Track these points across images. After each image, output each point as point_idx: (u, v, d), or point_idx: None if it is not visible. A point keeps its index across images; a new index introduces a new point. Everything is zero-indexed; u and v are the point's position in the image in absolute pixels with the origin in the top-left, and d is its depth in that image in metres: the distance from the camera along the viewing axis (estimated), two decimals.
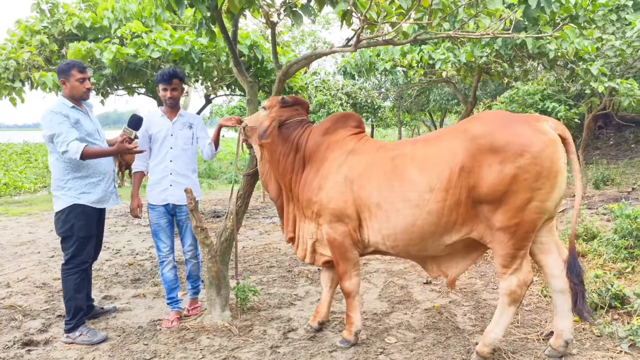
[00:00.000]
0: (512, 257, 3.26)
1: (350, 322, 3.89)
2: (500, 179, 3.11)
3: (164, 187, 4.43)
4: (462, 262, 3.63)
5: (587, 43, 5.90)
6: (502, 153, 3.11)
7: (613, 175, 11.40)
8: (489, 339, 3.41)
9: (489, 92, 18.71)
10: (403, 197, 3.43)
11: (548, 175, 3.07)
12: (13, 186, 15.00)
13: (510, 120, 3.28)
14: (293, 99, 4.09)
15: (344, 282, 3.86)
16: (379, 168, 3.60)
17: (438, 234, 3.41)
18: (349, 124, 3.99)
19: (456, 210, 3.30)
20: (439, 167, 3.31)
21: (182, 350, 3.86)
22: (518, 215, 3.13)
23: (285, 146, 3.99)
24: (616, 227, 5.66)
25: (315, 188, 3.79)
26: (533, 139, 3.11)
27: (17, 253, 7.19)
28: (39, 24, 6.70)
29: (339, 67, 9.84)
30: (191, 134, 4.53)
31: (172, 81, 4.41)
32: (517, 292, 3.31)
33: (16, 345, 4.01)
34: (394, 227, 3.50)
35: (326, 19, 23.61)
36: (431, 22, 4.04)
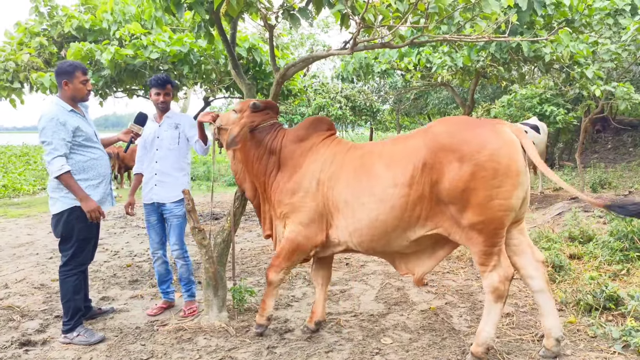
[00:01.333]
0: (487, 254, 3.34)
1: (264, 308, 4.09)
2: (459, 175, 3.23)
3: (150, 187, 4.64)
4: (429, 261, 3.73)
5: (582, 47, 5.94)
6: (461, 150, 3.25)
7: (610, 178, 11.44)
8: (482, 338, 3.45)
9: (487, 96, 18.77)
10: (369, 192, 3.55)
11: (507, 174, 3.18)
12: (12, 188, 15.01)
13: (472, 122, 3.46)
14: (264, 103, 4.18)
15: (272, 272, 4.01)
16: (348, 167, 3.73)
17: (401, 229, 3.51)
18: (321, 127, 4.10)
19: (420, 205, 3.41)
20: (403, 164, 3.45)
21: (179, 351, 3.88)
22: (482, 212, 3.22)
23: (259, 150, 4.09)
24: (612, 229, 5.70)
25: (288, 191, 3.90)
26: (491, 138, 3.24)
27: (16, 254, 7.20)
28: (38, 26, 6.73)
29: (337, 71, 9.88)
30: (177, 134, 4.65)
31: (165, 86, 4.59)
32: (501, 288, 3.36)
33: (14, 345, 4.03)
34: (359, 221, 3.60)
35: (325, 22, 23.68)
36: (428, 25, 4.08)
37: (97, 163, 4.22)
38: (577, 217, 6.55)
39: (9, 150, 29.28)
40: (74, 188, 3.98)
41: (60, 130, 3.95)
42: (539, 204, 9.43)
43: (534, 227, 7.14)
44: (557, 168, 15.12)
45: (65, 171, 3.93)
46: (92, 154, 4.18)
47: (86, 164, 4.13)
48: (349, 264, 6.28)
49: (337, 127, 20.14)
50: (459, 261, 6.17)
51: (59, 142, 3.93)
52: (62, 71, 4.12)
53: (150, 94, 4.67)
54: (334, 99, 16.97)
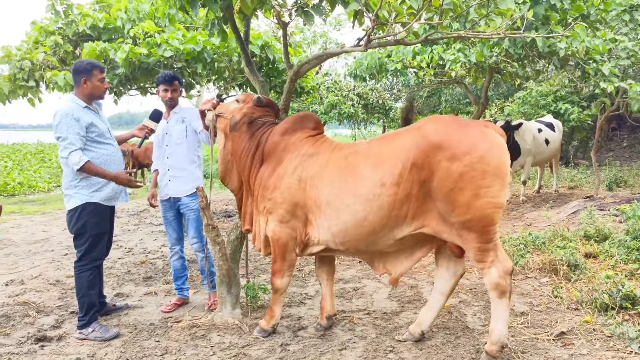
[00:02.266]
0: (482, 250, 3.35)
1: (271, 315, 4.10)
2: (448, 174, 3.25)
3: (165, 183, 4.69)
4: (407, 261, 3.76)
5: (598, 42, 5.87)
6: (451, 150, 3.26)
7: (626, 177, 11.31)
8: (495, 336, 3.43)
9: (500, 93, 18.64)
10: (354, 192, 3.53)
11: (497, 174, 3.22)
12: (27, 185, 15.18)
13: (462, 122, 3.47)
14: (267, 100, 4.21)
15: (276, 279, 4.00)
16: (332, 167, 3.71)
17: (389, 228, 3.51)
18: (307, 125, 4.05)
19: (407, 204, 3.41)
20: (391, 163, 3.43)
21: (193, 347, 3.90)
22: (471, 210, 3.24)
23: (249, 142, 4.09)
24: (628, 228, 5.63)
25: (270, 186, 3.88)
26: (481, 139, 3.28)
27: (31, 251, 7.28)
28: (53, 25, 6.79)
29: (349, 69, 9.86)
30: (184, 127, 4.69)
31: (173, 82, 4.66)
32: (502, 283, 3.36)
33: (30, 340, 4.07)
34: (344, 222, 3.58)
35: (337, 20, 23.64)
36: (442, 22, 4.05)
37: (111, 159, 4.26)
38: (593, 216, 6.47)
39: (24, 148, 29.64)
40: (100, 172, 4.09)
41: (74, 126, 4.00)
42: (553, 202, 9.35)
43: (548, 226, 7.08)
44: (572, 166, 14.98)
45: (85, 162, 4.00)
46: (105, 150, 4.22)
47: (99, 159, 4.16)
48: (362, 262, 6.27)
49: (349, 125, 20.13)
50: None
51: (74, 137, 3.99)
52: (81, 69, 4.17)
53: (158, 90, 4.72)
54: (347, 97, 16.94)
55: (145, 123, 4.58)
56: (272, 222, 3.89)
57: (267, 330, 4.08)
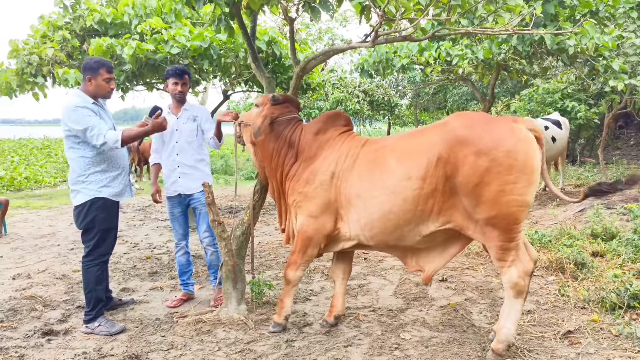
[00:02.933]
0: (504, 249, 3.32)
1: (282, 307, 4.10)
2: (474, 169, 3.23)
3: (174, 180, 4.70)
4: (440, 258, 3.73)
5: (607, 39, 5.82)
6: (477, 145, 3.25)
7: None
8: (502, 335, 3.42)
9: (507, 90, 18.56)
10: (381, 185, 3.55)
11: (523, 170, 3.18)
12: (34, 180, 15.25)
13: (489, 118, 3.48)
14: (283, 97, 4.18)
15: (290, 271, 4.02)
16: (361, 161, 3.76)
17: (414, 222, 3.51)
18: (338, 122, 4.10)
19: (432, 199, 3.41)
20: (418, 157, 3.45)
21: (199, 343, 3.91)
22: (496, 207, 3.21)
23: (277, 143, 4.10)
24: (636, 227, 5.60)
25: (303, 180, 3.91)
26: (507, 134, 3.25)
27: (38, 245, 7.31)
28: (61, 20, 6.79)
29: (355, 65, 9.83)
30: (195, 126, 4.71)
31: (183, 76, 4.66)
32: (520, 284, 3.34)
33: (36, 334, 4.09)
34: (371, 214, 3.60)
35: (344, 17, 23.56)
36: (450, 18, 4.03)
37: (116, 155, 4.26)
38: (600, 214, 6.43)
39: (30, 143, 29.77)
40: (136, 134, 4.08)
41: (93, 115, 4.01)
42: (560, 200, 9.30)
43: (555, 224, 7.05)
44: (578, 164, 14.90)
45: (121, 133, 4.00)
46: None
47: (105, 155, 4.16)
48: (367, 259, 6.27)
49: (354, 121, 20.10)
50: (478, 257, 6.11)
51: (98, 122, 3.98)
52: (88, 67, 4.16)
53: (167, 84, 4.72)
54: (352, 94, 16.92)
55: (144, 120, 4.52)
56: (300, 216, 3.91)
57: (281, 324, 4.08)
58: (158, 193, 4.91)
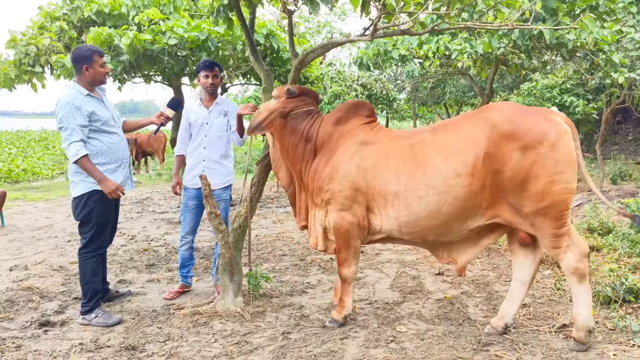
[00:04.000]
0: (557, 236, 3.37)
1: (342, 306, 4.04)
2: (521, 164, 3.29)
3: (197, 173, 4.59)
4: (472, 249, 3.77)
5: (606, 33, 5.81)
6: (524, 140, 3.30)
7: (631, 170, 11.25)
8: (580, 322, 3.45)
9: (505, 85, 18.53)
10: (426, 184, 3.51)
11: (568, 161, 3.30)
12: (31, 172, 15.22)
13: (526, 110, 3.50)
14: (299, 89, 4.10)
15: (343, 269, 3.96)
16: (396, 156, 3.66)
17: (463, 219, 3.54)
18: (361, 113, 4.01)
19: (481, 195, 3.44)
20: (463, 153, 3.44)
21: (195, 334, 3.91)
22: (546, 197, 3.28)
23: (294, 137, 4.03)
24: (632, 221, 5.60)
25: (326, 177, 3.83)
26: (550, 128, 3.33)
27: (35, 237, 7.30)
28: (59, 10, 6.76)
29: (354, 58, 9.80)
30: (226, 122, 4.71)
31: (213, 68, 4.63)
32: (580, 267, 3.38)
33: (33, 325, 4.09)
34: (416, 213, 3.57)
35: (342, 10, 23.50)
36: (449, 12, 4.02)
37: (115, 147, 4.23)
38: (597, 209, 6.45)
39: (28, 135, 29.71)
40: (92, 171, 4.00)
41: (75, 115, 3.96)
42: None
43: None
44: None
45: (82, 155, 3.95)
46: (109, 139, 4.19)
47: (104, 148, 4.14)
48: (364, 252, 6.27)
49: None
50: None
51: (74, 128, 3.95)
52: (80, 57, 4.11)
53: (199, 78, 4.69)
54: (350, 87, 16.86)
55: (162, 110, 4.54)
56: (332, 212, 3.86)
57: (338, 321, 4.02)
58: (179, 185, 4.84)
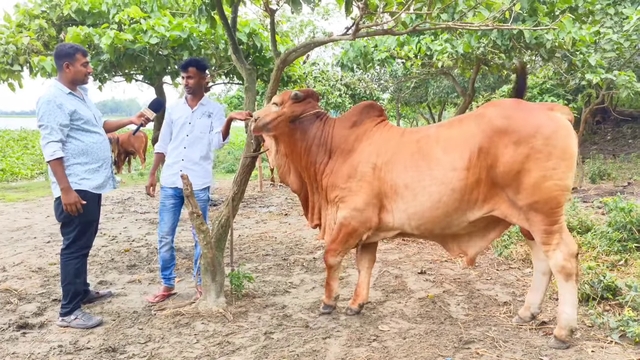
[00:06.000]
0: (548, 232, 3.44)
1: (330, 290, 4.24)
2: (514, 158, 3.37)
3: (175, 172, 4.56)
4: (481, 242, 3.89)
5: (585, 33, 5.90)
6: (516, 134, 3.38)
7: (610, 170, 11.44)
8: (563, 320, 3.51)
9: (488, 85, 18.68)
10: (430, 174, 3.64)
11: (563, 156, 3.33)
12: (10, 172, 15.00)
13: (525, 106, 3.59)
14: (305, 92, 4.15)
15: (329, 257, 4.11)
16: (404, 151, 3.81)
17: (462, 210, 3.64)
18: (373, 113, 4.13)
19: (477, 189, 3.55)
20: (460, 148, 3.56)
21: (177, 335, 3.89)
22: (537, 192, 3.35)
23: (306, 141, 4.10)
24: (610, 220, 5.70)
25: (344, 176, 3.94)
26: (545, 122, 3.38)
27: (13, 238, 7.19)
28: (37, 9, 6.67)
29: (337, 58, 9.81)
30: (209, 123, 4.65)
31: (187, 69, 4.55)
32: (567, 266, 3.45)
33: (11, 327, 4.03)
34: (421, 204, 3.69)
35: (325, 9, 23.52)
36: (430, 12, 4.04)
37: (97, 147, 4.18)
38: (576, 208, 6.54)
39: (7, 135, 29.21)
40: (60, 176, 3.93)
41: (56, 114, 3.91)
42: None
43: None
44: None
45: (57, 157, 3.89)
46: (91, 138, 4.14)
47: (85, 147, 4.09)
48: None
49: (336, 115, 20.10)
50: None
51: (54, 127, 3.90)
52: (63, 54, 4.06)
53: None
54: (334, 87, 16.89)
55: (143, 111, 4.49)
56: (344, 210, 3.94)
57: (330, 305, 4.23)
58: (152, 186, 4.76)
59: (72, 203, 3.95)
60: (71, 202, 3.95)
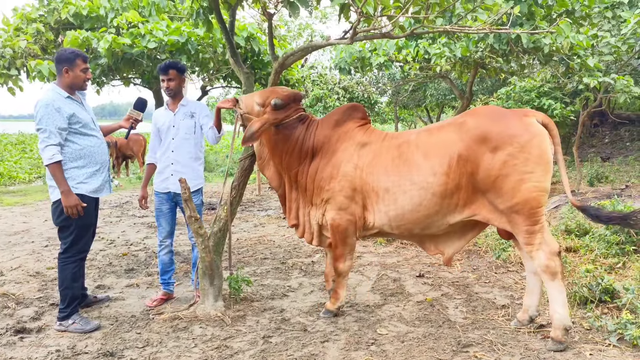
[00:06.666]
0: (530, 232, 3.55)
1: (337, 298, 4.27)
2: (492, 165, 3.51)
3: (166, 176, 4.58)
4: (459, 242, 4.01)
5: (582, 38, 5.91)
6: (494, 142, 3.52)
7: (607, 172, 11.44)
8: (556, 321, 3.57)
9: (485, 88, 18.70)
10: (410, 179, 3.76)
11: (539, 161, 3.47)
12: (8, 176, 14.95)
13: (502, 113, 3.69)
14: (285, 98, 4.11)
15: (339, 264, 4.17)
16: (386, 155, 3.91)
17: (442, 214, 3.76)
18: (356, 115, 4.20)
19: (457, 194, 3.67)
20: (440, 154, 3.68)
21: (175, 339, 3.88)
22: (516, 194, 3.47)
23: (288, 144, 4.14)
24: None
25: (327, 177, 4.02)
26: (521, 130, 3.51)
27: (11, 242, 7.18)
28: (35, 12, 6.66)
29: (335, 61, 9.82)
30: (193, 123, 4.62)
31: (168, 71, 4.52)
32: (551, 265, 3.54)
33: (9, 332, 4.02)
34: (402, 207, 3.80)
35: (323, 13, 23.53)
36: (428, 16, 4.05)
37: (95, 150, 4.18)
38: (574, 211, 6.54)
39: (5, 139, 29.18)
40: (59, 179, 3.92)
41: (55, 118, 3.90)
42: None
43: None
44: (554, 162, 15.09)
45: (56, 161, 3.89)
46: (89, 142, 4.14)
47: (83, 151, 4.09)
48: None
49: None
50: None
51: (53, 131, 3.89)
52: (63, 58, 4.07)
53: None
54: (332, 90, 16.89)
55: (130, 113, 4.50)
56: (331, 211, 4.05)
57: (332, 311, 4.26)
58: (144, 199, 4.75)
59: (72, 206, 3.95)
60: (72, 204, 3.95)
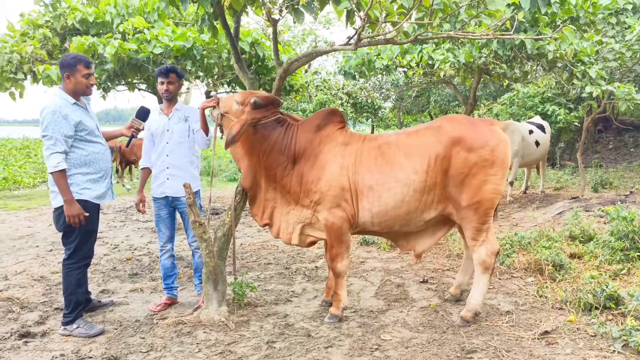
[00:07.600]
0: (478, 230, 4.04)
1: (338, 300, 4.35)
2: (465, 163, 3.95)
3: (162, 181, 4.61)
4: (429, 239, 4.36)
5: (586, 45, 5.92)
6: (469, 144, 3.96)
7: (611, 178, 11.41)
8: (471, 305, 4.14)
9: (489, 94, 18.72)
10: (394, 177, 4.05)
11: (501, 165, 3.95)
12: (12, 181, 15.00)
13: (473, 121, 4.17)
14: (265, 100, 4.20)
15: (336, 264, 4.27)
16: (367, 155, 4.15)
17: (420, 210, 4.11)
18: (335, 119, 4.36)
19: (433, 190, 4.05)
20: (420, 154, 4.04)
21: (179, 344, 3.88)
22: (478, 193, 3.94)
23: (265, 144, 4.24)
24: (612, 229, 5.68)
25: (314, 179, 4.14)
26: (491, 136, 4.00)
27: (16, 246, 7.20)
28: (42, 18, 6.72)
29: (339, 66, 9.85)
30: (187, 127, 4.65)
31: (169, 75, 4.58)
32: (488, 261, 4.06)
33: (13, 336, 4.03)
34: (385, 204, 4.07)
35: (327, 19, 23.62)
36: (432, 22, 4.07)
37: (99, 157, 4.20)
38: (578, 217, 6.53)
39: (9, 143, 29.29)
40: (63, 187, 3.92)
41: (61, 125, 3.91)
42: (539, 203, 9.42)
43: (534, 226, 7.14)
44: (558, 167, 15.10)
45: (60, 169, 3.89)
46: (93, 148, 4.15)
47: (88, 157, 4.11)
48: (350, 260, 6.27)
49: None
50: (459, 259, 6.16)
51: (58, 138, 3.90)
52: (65, 64, 4.07)
53: (157, 85, 4.66)
54: (336, 96, 16.93)
55: (131, 122, 4.49)
56: (323, 211, 4.18)
57: (337, 315, 4.32)
58: (142, 203, 4.75)
59: (75, 215, 3.96)
60: (74, 213, 3.95)
